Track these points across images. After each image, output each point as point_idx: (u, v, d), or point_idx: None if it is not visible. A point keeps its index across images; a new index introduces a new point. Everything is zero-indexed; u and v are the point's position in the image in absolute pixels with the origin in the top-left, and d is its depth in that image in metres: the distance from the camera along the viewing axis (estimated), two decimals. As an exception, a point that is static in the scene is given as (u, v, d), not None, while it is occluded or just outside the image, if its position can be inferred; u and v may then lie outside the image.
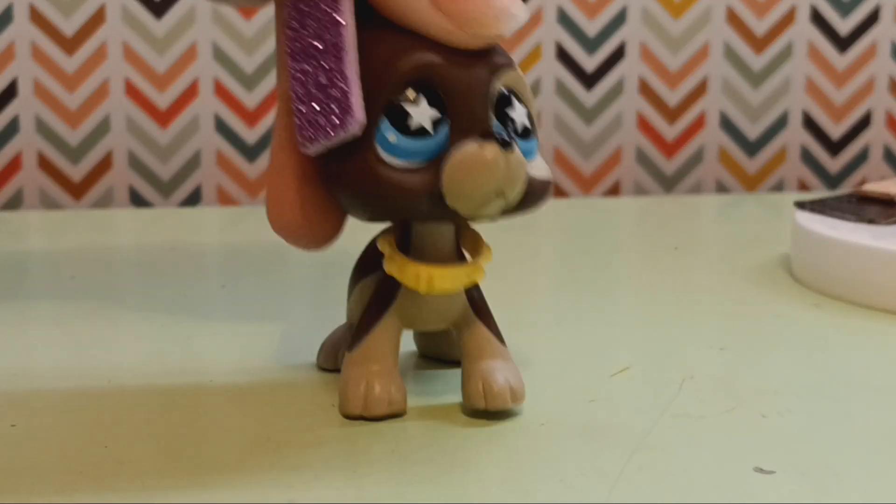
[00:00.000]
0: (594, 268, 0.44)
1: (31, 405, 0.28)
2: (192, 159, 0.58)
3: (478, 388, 0.26)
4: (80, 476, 0.24)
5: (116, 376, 0.30)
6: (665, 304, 0.39)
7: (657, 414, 0.28)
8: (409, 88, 0.24)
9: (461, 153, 0.24)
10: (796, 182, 0.64)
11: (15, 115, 0.57)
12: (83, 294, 0.39)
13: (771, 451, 0.25)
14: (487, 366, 0.27)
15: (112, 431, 0.26)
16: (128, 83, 0.57)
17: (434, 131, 0.24)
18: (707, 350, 0.33)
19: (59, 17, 0.56)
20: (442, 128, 0.25)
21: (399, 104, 0.24)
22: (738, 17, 0.62)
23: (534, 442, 0.26)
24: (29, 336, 0.34)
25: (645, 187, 0.62)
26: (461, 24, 0.24)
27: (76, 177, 0.58)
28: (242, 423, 0.27)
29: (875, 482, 0.24)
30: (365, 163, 0.24)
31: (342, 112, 0.24)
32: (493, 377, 0.26)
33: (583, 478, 0.24)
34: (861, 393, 0.30)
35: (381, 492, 0.23)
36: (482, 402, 0.26)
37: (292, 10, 0.25)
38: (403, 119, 0.24)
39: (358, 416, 0.26)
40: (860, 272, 0.38)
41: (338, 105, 0.24)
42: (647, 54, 0.61)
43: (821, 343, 0.34)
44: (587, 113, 0.61)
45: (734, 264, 0.44)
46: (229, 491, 0.23)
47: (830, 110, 0.63)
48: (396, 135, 0.24)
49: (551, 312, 0.38)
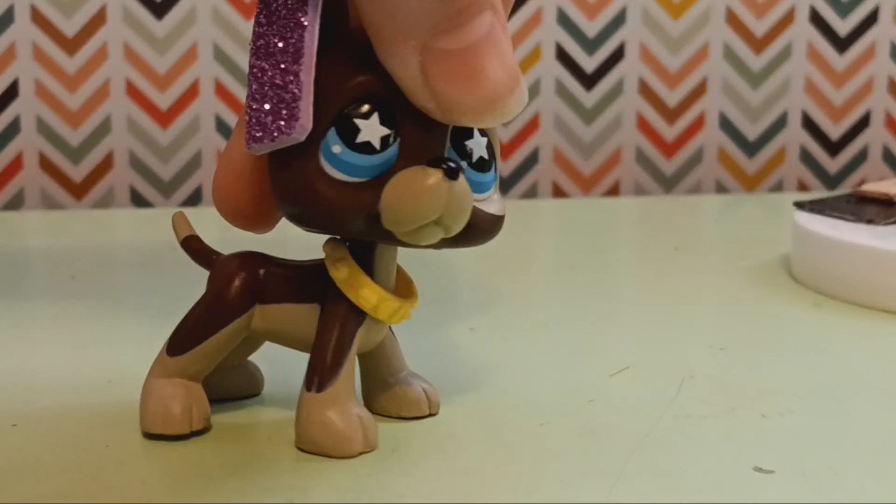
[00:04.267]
0: (594, 268, 0.44)
1: (31, 405, 0.28)
2: (193, 159, 0.58)
3: (421, 395, 0.27)
4: (80, 476, 0.24)
5: (116, 376, 0.30)
6: (665, 304, 0.39)
7: (657, 414, 0.28)
8: (364, 103, 0.23)
9: (402, 175, 0.23)
10: (796, 182, 0.64)
11: (16, 116, 0.57)
12: (83, 294, 0.39)
13: (771, 451, 0.25)
14: (411, 375, 0.27)
15: (112, 431, 0.26)
16: (129, 83, 0.57)
17: (381, 148, 0.23)
18: (707, 350, 0.33)
19: (60, 18, 0.56)
20: (391, 147, 0.23)
21: (349, 116, 0.23)
22: (738, 17, 0.62)
23: (534, 442, 0.26)
24: (29, 336, 0.34)
25: (645, 187, 0.62)
26: (444, 110, 0.23)
27: (77, 177, 0.58)
28: (241, 423, 0.27)
29: (875, 482, 0.24)
30: (305, 172, 0.23)
31: (290, 116, 0.23)
32: (424, 384, 0.27)
33: (583, 478, 0.24)
34: (861, 393, 0.30)
35: (382, 492, 0.23)
36: (426, 408, 0.27)
37: (262, 7, 0.24)
38: (351, 132, 0.23)
39: (358, 454, 0.25)
40: (860, 272, 0.38)
41: (287, 108, 0.23)
42: (646, 55, 0.61)
43: (821, 343, 0.34)
44: (587, 113, 0.61)
45: (734, 264, 0.44)
46: (229, 491, 0.23)
47: (830, 111, 0.63)
48: (342, 146, 0.23)
49: (551, 312, 0.38)
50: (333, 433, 0.25)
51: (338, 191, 0.23)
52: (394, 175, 0.23)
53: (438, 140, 0.24)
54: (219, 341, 0.26)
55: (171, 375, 0.26)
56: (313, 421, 0.25)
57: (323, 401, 0.25)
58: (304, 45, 0.23)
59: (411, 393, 0.27)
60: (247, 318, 0.26)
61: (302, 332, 0.26)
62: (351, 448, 0.25)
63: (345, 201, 0.23)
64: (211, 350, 0.26)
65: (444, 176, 0.23)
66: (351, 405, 0.25)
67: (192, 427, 0.26)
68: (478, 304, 0.37)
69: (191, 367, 0.26)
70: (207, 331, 0.26)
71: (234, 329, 0.26)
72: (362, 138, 0.23)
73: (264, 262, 0.26)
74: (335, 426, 0.25)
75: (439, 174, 0.23)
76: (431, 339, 0.33)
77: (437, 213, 0.23)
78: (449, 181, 0.23)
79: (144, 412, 0.26)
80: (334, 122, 0.23)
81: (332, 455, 0.25)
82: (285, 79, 0.23)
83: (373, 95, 0.23)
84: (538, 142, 0.61)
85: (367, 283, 0.25)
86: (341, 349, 0.25)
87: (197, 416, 0.26)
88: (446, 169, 0.23)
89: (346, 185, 0.23)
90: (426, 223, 0.23)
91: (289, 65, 0.23)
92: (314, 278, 0.26)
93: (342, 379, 0.25)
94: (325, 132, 0.23)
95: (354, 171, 0.23)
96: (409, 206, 0.23)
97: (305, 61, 0.23)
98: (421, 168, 0.23)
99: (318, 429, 0.25)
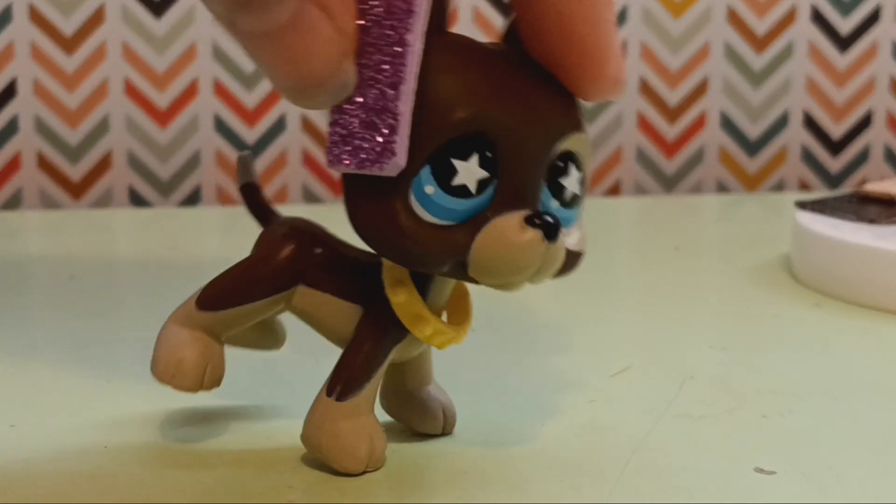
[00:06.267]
0: (594, 268, 0.44)
1: (31, 405, 0.28)
2: (192, 159, 0.58)
3: (439, 415, 0.26)
4: (79, 477, 0.24)
5: (116, 376, 0.30)
6: (665, 304, 0.39)
7: (657, 414, 0.27)
8: (465, 141, 0.21)
9: (499, 231, 0.21)
10: (797, 182, 0.64)
11: (14, 115, 0.57)
12: (83, 294, 0.39)
13: (771, 451, 0.25)
14: (436, 390, 0.26)
15: (111, 432, 0.26)
16: (127, 83, 0.57)
17: (477, 192, 0.21)
18: (707, 350, 0.33)
19: (58, 17, 0.56)
20: (487, 189, 0.21)
21: (447, 156, 0.21)
22: (739, 16, 0.62)
23: (534, 442, 0.26)
24: (29, 336, 0.34)
25: (645, 187, 0.62)
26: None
27: (75, 176, 0.58)
28: (242, 423, 0.27)
29: (875, 482, 0.24)
30: (391, 207, 0.21)
31: (383, 149, 0.20)
32: (446, 403, 0.26)
33: (583, 477, 0.24)
34: (861, 393, 0.30)
35: (382, 492, 0.23)
36: (440, 428, 0.26)
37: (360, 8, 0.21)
38: (448, 173, 0.21)
39: (362, 472, 0.24)
40: (861, 272, 0.38)
41: (382, 139, 0.20)
42: (647, 54, 0.61)
43: (821, 343, 0.34)
44: (588, 113, 0.61)
45: (734, 264, 0.44)
46: (229, 491, 0.23)
47: (831, 110, 0.63)
48: (435, 188, 0.21)
49: (551, 312, 0.38)
50: (341, 447, 0.23)
51: (427, 233, 0.21)
52: (486, 221, 0.21)
53: (535, 183, 0.22)
54: (252, 310, 0.25)
55: (193, 327, 0.25)
56: (325, 428, 0.24)
57: (341, 410, 0.23)
58: (405, 68, 0.20)
59: (430, 410, 0.26)
60: (287, 295, 0.24)
61: (339, 327, 0.24)
62: (356, 466, 0.24)
63: (434, 245, 0.21)
64: (242, 316, 0.25)
65: (542, 237, 0.21)
66: (367, 421, 0.24)
67: (202, 387, 0.24)
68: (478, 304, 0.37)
69: (217, 327, 0.25)
70: (243, 297, 0.24)
71: (272, 302, 0.25)
72: (459, 181, 0.21)
73: (319, 240, 0.25)
74: (345, 440, 0.23)
75: (538, 235, 0.21)
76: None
77: (532, 271, 0.22)
78: (547, 242, 0.21)
79: (157, 358, 0.24)
80: (430, 160, 0.21)
81: (334, 467, 0.24)
82: (384, 105, 0.20)
83: (475, 133, 0.21)
84: (538, 141, 0.61)
85: (424, 313, 0.23)
86: (373, 362, 0.24)
87: (210, 376, 0.24)
88: (546, 229, 0.21)
89: (435, 228, 0.21)
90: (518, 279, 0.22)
91: (388, 89, 0.20)
92: (365, 277, 0.24)
93: (366, 392, 0.24)
94: (419, 169, 0.21)
95: (446, 215, 0.21)
96: (502, 262, 0.21)
97: (405, 89, 0.20)
98: (519, 223, 0.21)
99: (327, 437, 0.24)
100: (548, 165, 0.22)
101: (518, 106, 0.22)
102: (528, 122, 0.22)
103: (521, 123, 0.21)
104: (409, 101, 0.20)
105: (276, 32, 0.20)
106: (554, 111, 0.22)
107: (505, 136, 0.21)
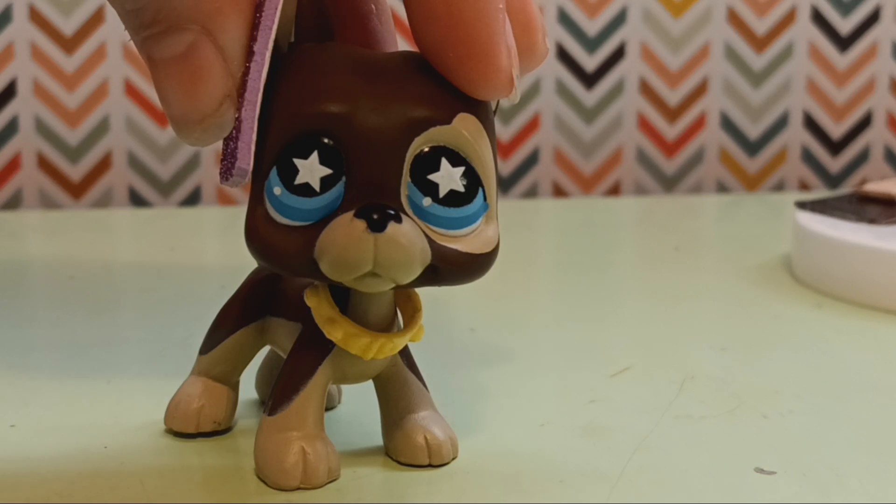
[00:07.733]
0: (594, 268, 0.44)
1: (31, 405, 0.28)
2: (192, 159, 0.58)
3: (421, 443, 0.24)
4: (80, 476, 0.24)
5: (116, 376, 0.30)
6: (665, 304, 0.39)
7: (658, 414, 0.27)
8: (304, 139, 0.22)
9: (332, 227, 0.21)
10: (797, 182, 0.64)
11: (14, 115, 0.57)
12: (83, 294, 0.39)
13: (772, 451, 0.25)
14: (423, 418, 0.25)
15: (112, 431, 0.26)
16: (127, 83, 0.57)
17: (322, 190, 0.22)
18: (708, 350, 0.33)
19: (58, 17, 0.56)
20: (335, 188, 0.22)
21: (287, 156, 0.22)
22: (739, 16, 0.62)
23: (534, 442, 0.26)
24: (29, 336, 0.34)
25: (645, 187, 0.62)
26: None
27: (75, 176, 0.58)
28: (241, 423, 0.27)
29: (875, 482, 0.24)
30: (255, 212, 0.22)
31: (230, 157, 0.21)
32: (433, 431, 0.24)
33: (583, 478, 0.24)
34: (862, 393, 0.30)
35: (381, 492, 0.23)
36: (426, 458, 0.24)
37: None
38: (290, 172, 0.21)
39: (296, 488, 0.23)
40: (861, 272, 0.38)
41: (230, 149, 0.22)
42: (647, 54, 0.61)
43: (821, 343, 0.34)
44: (587, 113, 0.61)
45: (735, 264, 0.44)
46: (229, 491, 0.23)
47: (831, 110, 0.63)
48: (282, 188, 0.22)
49: (551, 312, 0.38)
50: (267, 460, 0.23)
51: (280, 235, 0.22)
52: (332, 220, 0.21)
53: (391, 178, 0.22)
54: (234, 344, 0.26)
55: (198, 373, 0.26)
56: (257, 444, 0.24)
57: (270, 425, 0.23)
58: (248, 76, 0.21)
59: (411, 441, 0.24)
60: (259, 325, 0.26)
61: (289, 348, 0.24)
62: (284, 479, 0.23)
63: (285, 248, 0.22)
64: (228, 351, 0.26)
65: (367, 228, 0.21)
66: (298, 434, 0.23)
67: (197, 429, 0.26)
68: (478, 304, 0.37)
69: (214, 368, 0.26)
70: (223, 332, 0.26)
71: (247, 335, 0.26)
72: (301, 179, 0.22)
73: None
74: (272, 453, 0.23)
75: (361, 226, 0.21)
76: (431, 339, 0.33)
77: (367, 265, 0.21)
78: (373, 233, 0.21)
79: (168, 406, 0.26)
80: (276, 162, 0.22)
81: (267, 482, 0.23)
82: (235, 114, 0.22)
83: (313, 131, 0.22)
84: (538, 141, 0.61)
85: (334, 315, 0.23)
86: (298, 375, 0.23)
87: (205, 418, 0.26)
88: (369, 220, 0.21)
89: (288, 230, 0.22)
90: (360, 274, 0.21)
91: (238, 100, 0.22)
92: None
93: (294, 406, 0.23)
94: (269, 172, 0.22)
95: (295, 215, 0.22)
96: (334, 257, 0.21)
97: (249, 96, 0.21)
98: (348, 218, 0.21)
99: (258, 453, 0.24)
100: (409, 162, 0.22)
101: (362, 103, 0.22)
102: (371, 118, 0.22)
103: (363, 119, 0.21)
104: (253, 108, 0.21)
105: (171, 62, 0.21)
106: (410, 106, 0.22)
107: (347, 132, 0.21)
